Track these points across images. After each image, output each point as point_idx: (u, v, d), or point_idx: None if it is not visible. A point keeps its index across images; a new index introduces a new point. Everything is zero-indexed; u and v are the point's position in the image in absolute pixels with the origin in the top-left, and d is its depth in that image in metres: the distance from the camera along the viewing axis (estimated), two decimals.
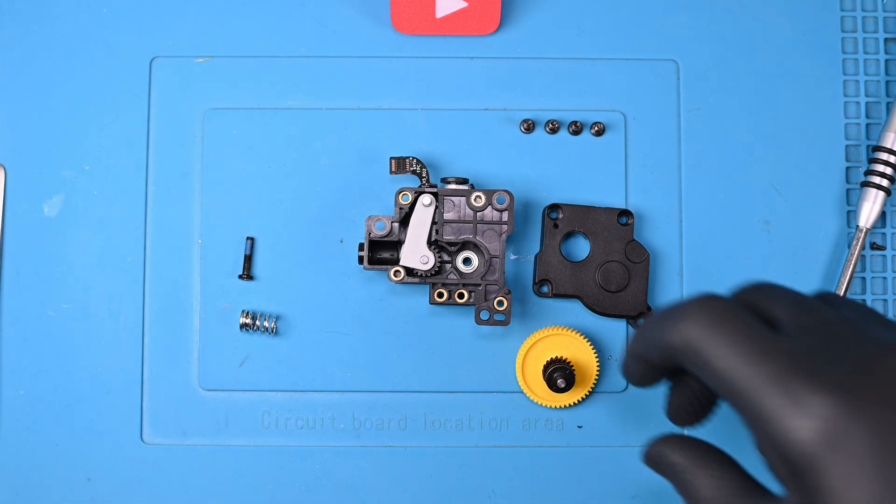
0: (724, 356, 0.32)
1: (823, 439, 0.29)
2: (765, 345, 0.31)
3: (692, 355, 0.33)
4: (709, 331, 0.32)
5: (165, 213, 0.48)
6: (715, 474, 0.35)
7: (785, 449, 0.30)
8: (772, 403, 0.30)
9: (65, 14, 0.49)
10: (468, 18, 0.48)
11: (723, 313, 0.33)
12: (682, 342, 0.33)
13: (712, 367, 0.32)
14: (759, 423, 0.31)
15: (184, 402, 0.47)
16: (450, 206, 0.45)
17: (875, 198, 0.47)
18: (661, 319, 0.34)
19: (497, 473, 0.47)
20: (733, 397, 0.32)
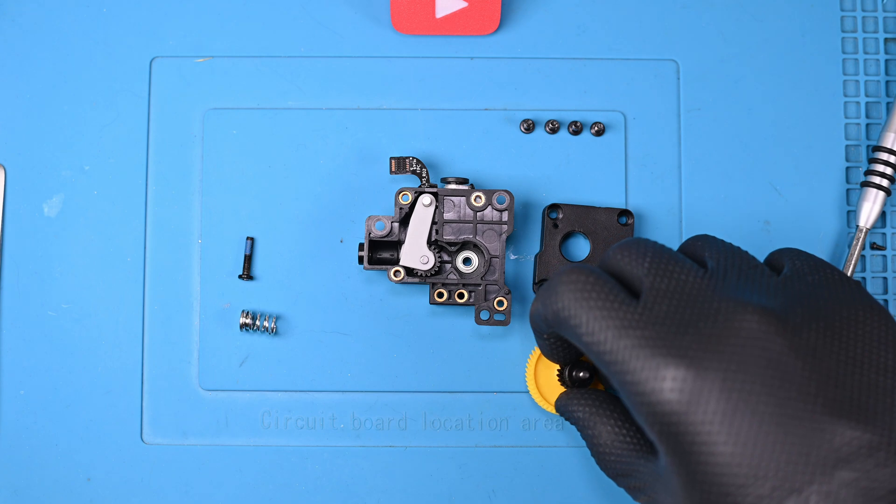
0: (588, 331, 0.34)
1: (678, 402, 0.31)
2: (624, 318, 0.34)
3: (563, 328, 0.36)
4: (574, 304, 0.35)
5: (165, 213, 0.48)
6: (610, 427, 0.39)
7: (647, 412, 0.32)
8: (633, 376, 0.33)
9: (64, 14, 0.49)
10: (468, 18, 0.48)
11: (586, 287, 0.35)
12: (553, 316, 0.36)
13: (579, 341, 0.35)
14: (624, 391, 0.33)
15: (184, 402, 0.47)
16: (450, 206, 0.45)
17: (875, 198, 0.47)
18: (541, 294, 0.37)
19: (497, 473, 0.47)
20: (600, 364, 0.34)
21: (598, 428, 0.39)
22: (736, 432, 0.30)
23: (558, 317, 0.36)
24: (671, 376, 0.32)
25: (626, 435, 0.38)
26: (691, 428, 0.31)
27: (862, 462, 0.30)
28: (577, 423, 0.41)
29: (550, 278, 0.37)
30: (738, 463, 0.30)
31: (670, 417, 0.31)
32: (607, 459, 0.39)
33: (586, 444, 0.40)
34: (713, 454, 0.31)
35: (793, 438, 0.30)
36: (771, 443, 0.30)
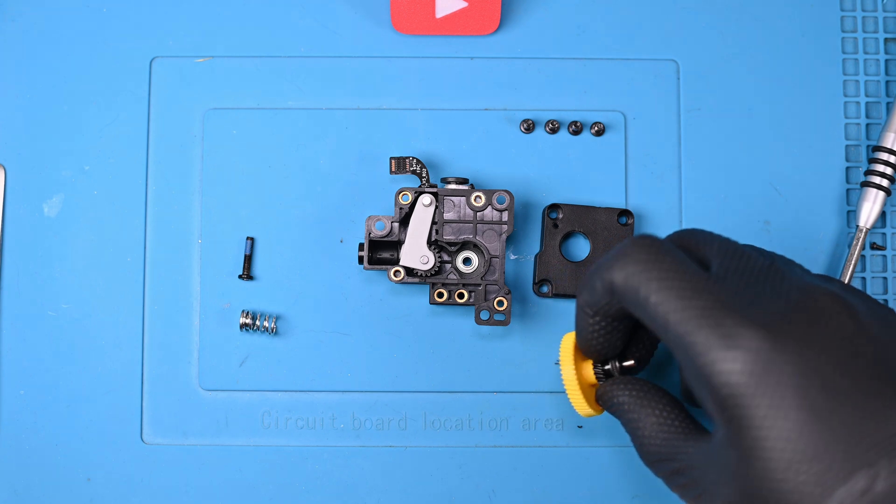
0: (658, 290, 0.34)
1: (750, 373, 0.31)
2: (696, 283, 0.33)
3: (630, 292, 0.35)
4: (644, 267, 0.35)
5: (165, 213, 0.48)
6: (656, 413, 0.38)
7: (713, 381, 0.32)
8: (702, 338, 0.32)
9: (65, 14, 0.49)
10: (468, 18, 0.48)
11: (658, 252, 0.35)
12: (621, 280, 0.35)
13: (647, 303, 0.34)
14: (689, 357, 0.33)
15: (184, 402, 0.47)
16: (450, 206, 0.45)
17: (875, 198, 0.47)
18: (603, 264, 0.36)
19: (497, 473, 0.47)
20: (666, 332, 0.33)
21: (642, 411, 0.38)
22: (810, 405, 0.30)
23: (626, 279, 0.35)
24: (745, 345, 0.31)
25: (673, 419, 0.37)
26: (762, 400, 0.31)
27: None
28: (620, 409, 0.39)
29: (614, 248, 0.36)
30: (809, 434, 0.30)
31: (739, 388, 0.31)
32: (651, 444, 0.37)
33: (628, 431, 0.39)
34: (784, 427, 0.30)
35: (864, 414, 0.30)
36: (844, 417, 0.30)
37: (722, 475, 0.32)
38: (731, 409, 0.31)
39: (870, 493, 0.29)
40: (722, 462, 0.32)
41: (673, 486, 0.37)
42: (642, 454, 0.38)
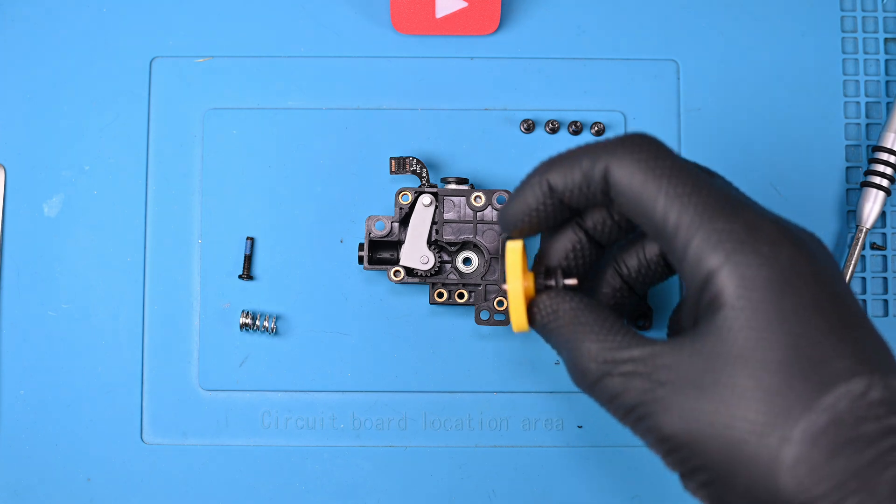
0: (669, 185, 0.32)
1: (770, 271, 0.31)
2: (707, 182, 0.33)
3: (634, 184, 0.33)
4: (654, 159, 0.33)
5: (165, 213, 0.48)
6: (604, 323, 0.35)
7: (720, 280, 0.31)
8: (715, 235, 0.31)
9: (65, 14, 0.49)
10: (468, 18, 0.48)
11: (664, 148, 0.34)
12: (624, 171, 0.33)
13: (655, 199, 0.33)
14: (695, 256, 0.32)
15: (184, 402, 0.47)
16: (450, 206, 0.45)
17: (875, 198, 0.47)
18: (599, 149, 0.34)
19: (497, 473, 0.47)
20: (673, 228, 0.32)
21: (586, 322, 0.35)
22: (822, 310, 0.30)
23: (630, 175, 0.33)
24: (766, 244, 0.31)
25: (620, 330, 0.34)
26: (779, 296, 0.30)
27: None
28: (560, 322, 0.36)
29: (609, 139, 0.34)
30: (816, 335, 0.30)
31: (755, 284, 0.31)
32: (595, 356, 0.34)
33: (568, 347, 0.35)
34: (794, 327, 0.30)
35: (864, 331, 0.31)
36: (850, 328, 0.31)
37: (688, 379, 0.31)
38: (742, 299, 0.31)
39: (866, 396, 0.29)
40: (697, 364, 0.31)
41: (615, 404, 0.33)
42: (582, 372, 0.34)
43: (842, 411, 0.29)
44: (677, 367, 0.32)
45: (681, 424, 0.31)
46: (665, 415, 0.31)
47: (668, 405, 0.31)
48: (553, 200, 0.36)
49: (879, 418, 0.29)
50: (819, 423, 0.29)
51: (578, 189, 0.35)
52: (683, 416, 0.31)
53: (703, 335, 0.31)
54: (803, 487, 0.29)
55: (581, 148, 0.35)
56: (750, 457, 0.30)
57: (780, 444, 0.29)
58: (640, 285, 0.40)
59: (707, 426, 0.31)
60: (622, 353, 0.33)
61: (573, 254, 0.38)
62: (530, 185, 0.36)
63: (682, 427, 0.31)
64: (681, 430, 0.31)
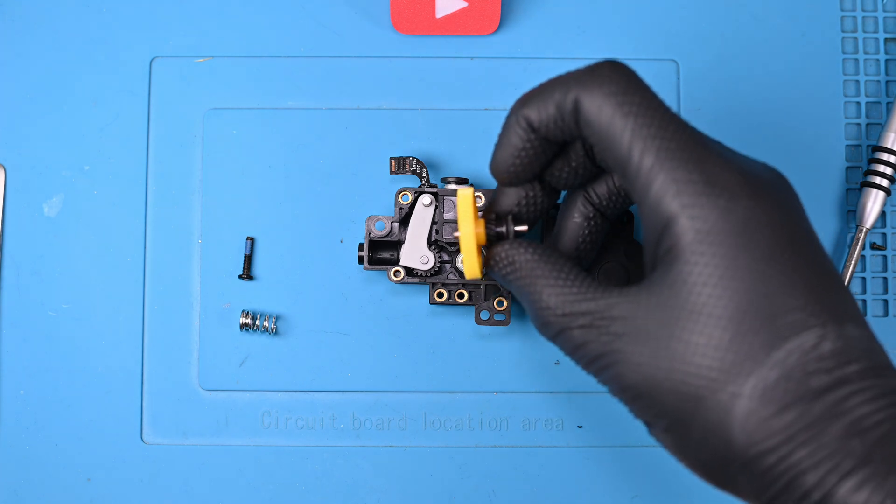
0: (637, 120, 0.32)
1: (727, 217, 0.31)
2: (675, 120, 0.32)
3: (602, 116, 0.33)
4: (623, 91, 0.33)
5: (165, 213, 0.48)
6: (563, 271, 0.35)
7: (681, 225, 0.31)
8: (679, 177, 0.31)
9: (64, 14, 0.49)
10: (468, 18, 0.48)
11: (636, 79, 0.33)
12: (594, 102, 0.33)
13: (620, 133, 0.32)
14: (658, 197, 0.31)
15: (184, 402, 0.47)
16: (450, 206, 0.45)
17: (875, 198, 0.47)
18: (569, 79, 0.34)
19: (497, 473, 0.47)
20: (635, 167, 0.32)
21: (546, 270, 0.35)
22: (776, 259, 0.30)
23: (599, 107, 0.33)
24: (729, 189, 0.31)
25: (578, 277, 0.34)
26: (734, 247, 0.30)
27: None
28: (519, 271, 0.35)
29: (582, 67, 0.34)
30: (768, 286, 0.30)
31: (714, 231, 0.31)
32: (556, 304, 0.34)
33: (529, 294, 0.35)
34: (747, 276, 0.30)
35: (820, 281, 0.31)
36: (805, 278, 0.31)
37: (644, 330, 0.31)
38: (695, 253, 0.31)
39: (817, 349, 0.30)
40: (651, 315, 0.31)
41: (581, 352, 0.33)
42: (543, 324, 0.34)
43: (792, 366, 0.29)
44: (633, 320, 0.32)
45: (640, 375, 0.31)
46: (624, 365, 0.32)
47: (627, 356, 0.32)
48: (535, 137, 0.35)
49: (830, 370, 0.29)
50: (769, 378, 0.30)
51: (554, 122, 0.35)
52: (641, 367, 0.31)
53: (658, 287, 0.31)
54: (754, 441, 0.30)
55: (553, 79, 0.35)
56: (704, 409, 0.30)
57: (731, 400, 0.30)
58: (611, 211, 0.39)
59: (664, 378, 0.31)
60: (579, 305, 0.33)
61: (525, 200, 0.38)
62: (510, 126, 0.36)
63: (640, 377, 0.31)
64: (640, 381, 0.31)
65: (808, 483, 0.29)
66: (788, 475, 0.29)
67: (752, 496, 0.31)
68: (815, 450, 0.29)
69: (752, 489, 0.31)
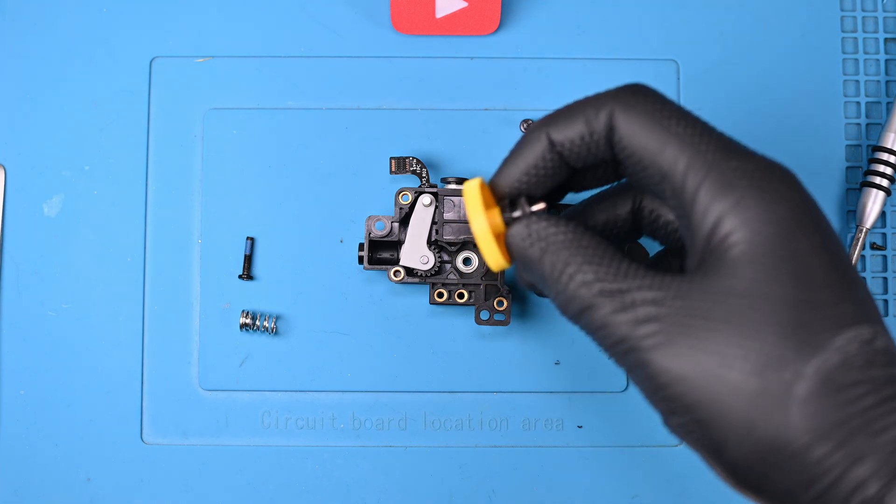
0: (677, 129, 0.32)
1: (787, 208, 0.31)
2: (706, 126, 0.33)
3: (641, 130, 0.33)
4: (658, 107, 0.33)
5: (165, 213, 0.48)
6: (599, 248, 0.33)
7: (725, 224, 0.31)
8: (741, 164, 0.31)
9: (65, 14, 0.49)
10: (468, 18, 0.48)
11: (664, 96, 0.34)
12: (632, 117, 0.33)
13: (663, 144, 0.32)
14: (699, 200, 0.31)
15: (184, 402, 0.47)
16: (450, 206, 0.45)
17: (875, 198, 0.47)
18: (601, 98, 0.34)
19: (497, 473, 0.47)
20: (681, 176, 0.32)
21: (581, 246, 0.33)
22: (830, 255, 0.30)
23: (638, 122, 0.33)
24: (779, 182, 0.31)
25: (617, 255, 0.33)
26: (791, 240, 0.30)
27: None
28: (549, 250, 0.33)
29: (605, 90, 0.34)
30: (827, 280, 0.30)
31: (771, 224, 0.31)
32: (592, 280, 0.32)
33: (557, 274, 0.33)
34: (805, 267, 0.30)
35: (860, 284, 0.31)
36: (854, 278, 0.31)
37: (694, 312, 0.30)
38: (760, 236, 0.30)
39: (873, 344, 0.29)
40: (706, 297, 0.30)
41: (602, 334, 0.32)
42: (569, 299, 0.32)
43: (852, 354, 0.29)
44: (685, 299, 0.31)
45: (681, 359, 0.30)
46: (662, 349, 0.30)
47: (669, 339, 0.30)
48: (553, 156, 0.35)
49: (885, 366, 0.29)
50: (831, 361, 0.29)
51: (580, 140, 0.34)
52: (686, 350, 0.30)
53: (713, 271, 0.31)
54: (812, 425, 0.29)
55: (583, 99, 0.34)
56: (758, 391, 0.29)
57: (793, 379, 0.29)
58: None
59: (713, 360, 0.30)
60: (621, 282, 0.32)
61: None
62: (530, 141, 0.35)
63: (681, 362, 0.30)
64: (679, 366, 0.30)
65: (863, 475, 0.28)
66: (842, 465, 0.28)
67: (787, 494, 0.30)
68: (866, 440, 0.28)
69: (792, 483, 0.29)
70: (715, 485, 0.47)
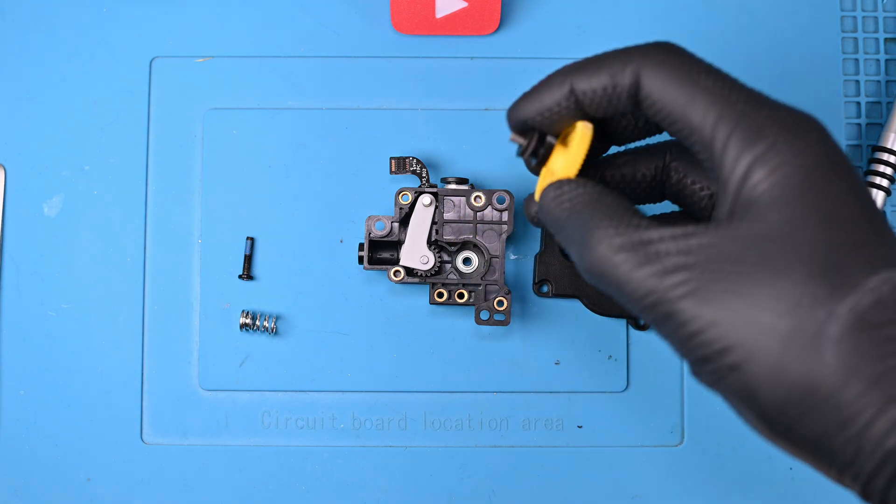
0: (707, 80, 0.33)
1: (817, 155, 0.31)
2: (734, 80, 0.33)
3: (670, 85, 0.33)
4: (690, 60, 0.33)
5: (165, 213, 0.48)
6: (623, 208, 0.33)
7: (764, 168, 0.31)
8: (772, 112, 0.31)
9: (65, 14, 0.49)
10: (468, 18, 0.48)
11: (690, 52, 0.34)
12: (660, 73, 0.33)
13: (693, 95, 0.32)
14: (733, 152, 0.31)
15: (184, 402, 0.47)
16: (450, 206, 0.45)
17: (875, 198, 0.47)
18: (628, 53, 0.34)
19: (497, 473, 0.47)
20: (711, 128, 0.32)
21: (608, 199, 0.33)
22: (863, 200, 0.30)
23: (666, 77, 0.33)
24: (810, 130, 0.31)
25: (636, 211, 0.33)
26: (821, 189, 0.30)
27: None
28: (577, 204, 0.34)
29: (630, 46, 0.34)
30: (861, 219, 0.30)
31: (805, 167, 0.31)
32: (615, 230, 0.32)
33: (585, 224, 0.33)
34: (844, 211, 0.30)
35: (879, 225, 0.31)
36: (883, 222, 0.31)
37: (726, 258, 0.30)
38: (792, 183, 0.30)
39: None
40: (737, 243, 0.30)
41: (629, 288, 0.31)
42: (596, 257, 0.32)
43: (886, 294, 0.29)
44: (713, 246, 0.30)
45: (712, 305, 0.30)
46: (692, 297, 0.30)
47: (700, 286, 0.30)
48: (570, 103, 0.35)
49: None
50: (864, 302, 0.29)
51: (603, 91, 0.34)
52: (717, 294, 0.30)
53: (744, 217, 0.31)
54: (846, 364, 0.28)
55: (609, 52, 0.35)
56: (790, 332, 0.29)
57: (826, 318, 0.29)
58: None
59: (744, 303, 0.29)
60: (642, 234, 0.31)
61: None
62: (550, 84, 0.35)
63: (713, 308, 0.30)
64: (711, 312, 0.30)
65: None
66: (877, 405, 0.28)
67: (821, 438, 0.29)
68: None
69: (825, 426, 0.29)
70: (715, 485, 0.47)
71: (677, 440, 0.47)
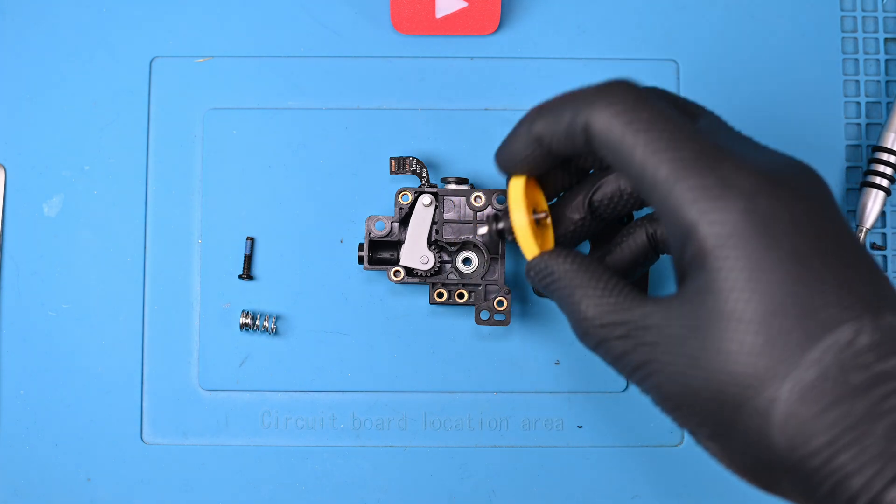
0: (647, 137, 0.32)
1: (745, 219, 0.30)
2: (687, 129, 0.32)
3: (612, 137, 0.33)
4: (631, 109, 0.33)
5: (165, 213, 0.48)
6: (601, 280, 0.35)
7: (702, 231, 0.30)
8: (694, 183, 0.31)
9: (64, 14, 0.49)
10: (468, 18, 0.48)
11: (644, 96, 0.33)
12: (603, 123, 0.33)
13: (632, 151, 0.32)
14: (676, 208, 0.31)
15: (184, 402, 0.47)
16: (450, 206, 0.45)
17: (875, 198, 0.47)
18: (579, 98, 0.34)
19: (497, 473, 0.47)
20: (651, 181, 0.32)
21: (585, 278, 0.35)
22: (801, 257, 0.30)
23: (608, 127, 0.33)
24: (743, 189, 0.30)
25: (618, 286, 0.34)
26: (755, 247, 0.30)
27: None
28: (560, 281, 0.36)
29: (589, 86, 0.34)
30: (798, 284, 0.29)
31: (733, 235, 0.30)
32: (596, 312, 0.34)
33: (569, 302, 0.35)
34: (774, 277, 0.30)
35: (851, 273, 0.30)
36: (833, 273, 0.30)
37: (678, 340, 0.31)
38: (718, 258, 0.30)
39: (854, 344, 0.29)
40: (683, 325, 0.31)
41: (621, 362, 0.33)
42: (584, 334, 0.35)
43: (828, 364, 0.29)
44: (667, 329, 0.31)
45: (678, 385, 0.31)
46: (662, 375, 0.32)
47: (664, 366, 0.32)
48: (541, 149, 0.36)
49: (868, 366, 0.29)
50: (806, 379, 0.29)
51: (563, 138, 0.35)
52: (678, 376, 0.31)
53: (687, 295, 0.31)
54: (795, 445, 0.29)
55: (565, 97, 0.35)
56: (744, 416, 0.30)
57: (769, 405, 0.29)
58: (608, 214, 0.40)
59: (701, 387, 0.30)
60: (616, 315, 0.33)
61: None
62: (517, 136, 0.37)
63: (679, 387, 0.31)
64: (679, 390, 0.31)
65: (854, 487, 0.28)
66: (833, 479, 0.29)
67: (801, 498, 0.31)
68: (858, 452, 0.28)
69: (798, 492, 0.30)
70: (715, 485, 0.47)
71: (677, 440, 0.47)
